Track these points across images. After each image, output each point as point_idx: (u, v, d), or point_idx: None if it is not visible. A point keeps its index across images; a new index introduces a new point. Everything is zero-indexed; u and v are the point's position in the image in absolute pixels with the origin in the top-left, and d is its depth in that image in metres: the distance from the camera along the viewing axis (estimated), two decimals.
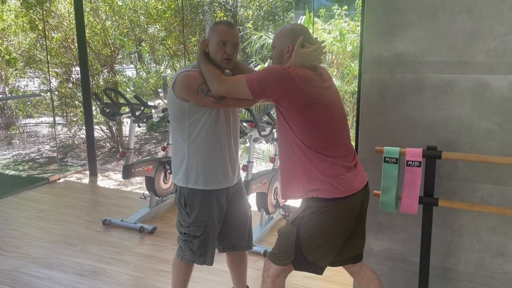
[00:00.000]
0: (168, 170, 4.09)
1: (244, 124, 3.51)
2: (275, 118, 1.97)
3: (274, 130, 3.46)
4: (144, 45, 7.51)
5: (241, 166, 2.68)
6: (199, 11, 8.41)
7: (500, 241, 2.16)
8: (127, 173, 3.75)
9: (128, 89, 7.64)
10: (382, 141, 2.26)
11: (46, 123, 8.86)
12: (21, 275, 2.94)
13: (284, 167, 1.92)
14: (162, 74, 8.06)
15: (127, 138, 7.82)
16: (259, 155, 5.71)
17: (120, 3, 6.73)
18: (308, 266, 1.88)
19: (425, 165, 2.03)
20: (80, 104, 7.11)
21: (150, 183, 4.00)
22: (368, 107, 2.30)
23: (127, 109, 3.88)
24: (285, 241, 1.89)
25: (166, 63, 7.86)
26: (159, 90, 9.14)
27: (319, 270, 1.90)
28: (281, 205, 3.82)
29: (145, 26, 7.05)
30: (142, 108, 3.77)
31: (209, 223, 2.09)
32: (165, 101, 8.36)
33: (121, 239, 3.51)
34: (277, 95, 1.79)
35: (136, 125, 3.90)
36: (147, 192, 4.16)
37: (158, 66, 7.87)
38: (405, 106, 2.21)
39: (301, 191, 1.86)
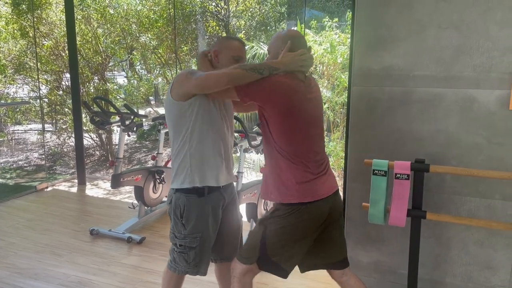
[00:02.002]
0: (158, 180, 4.06)
1: (235, 134, 3.51)
2: None
3: None
4: (136, 53, 7.49)
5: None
6: (191, 20, 8.43)
7: (488, 254, 2.17)
8: (116, 182, 3.72)
9: (118, 97, 7.61)
10: (371, 153, 2.27)
11: (34, 130, 8.78)
12: (5, 286, 2.89)
13: (266, 170, 2.00)
14: (154, 82, 8.05)
15: (116, 147, 7.79)
16: (250, 165, 5.71)
17: (112, 12, 6.72)
18: (273, 267, 1.94)
19: (413, 178, 2.05)
20: (69, 112, 7.07)
21: (139, 193, 3.97)
22: (357, 119, 2.32)
23: (117, 118, 3.85)
24: (252, 240, 1.97)
25: (157, 71, 7.85)
26: (150, 98, 9.11)
27: (283, 273, 1.96)
28: None
29: (137, 35, 7.05)
30: (132, 117, 3.75)
31: (205, 234, 2.08)
32: (156, 109, 8.33)
33: (108, 249, 3.47)
34: (260, 99, 1.85)
35: (126, 134, 3.88)
36: (136, 202, 4.12)
37: (149, 75, 7.86)
38: (393, 119, 2.23)
39: (274, 194, 1.94)
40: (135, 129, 3.80)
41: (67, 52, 6.72)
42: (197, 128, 2.00)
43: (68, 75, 7.17)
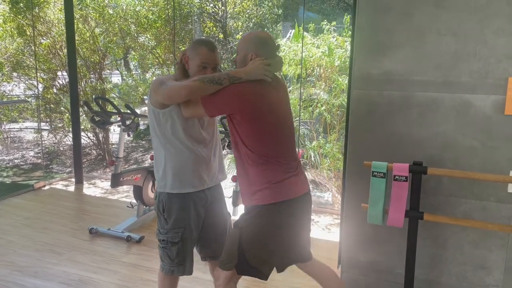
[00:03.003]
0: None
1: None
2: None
3: None
4: (134, 53, 7.52)
5: (231, 176, 2.72)
6: (189, 21, 8.47)
7: (482, 255, 2.24)
8: (116, 181, 3.75)
9: (113, 95, 7.62)
10: (370, 155, 2.33)
11: (31, 128, 8.75)
12: (6, 284, 2.90)
13: (239, 178, 2.00)
14: (150, 82, 8.06)
15: (113, 146, 7.79)
16: None
17: (111, 12, 6.74)
18: (251, 270, 1.95)
19: (411, 180, 2.11)
20: (66, 110, 7.07)
21: (138, 192, 4.00)
22: (357, 122, 2.37)
23: (118, 118, 3.88)
24: (229, 245, 1.96)
25: (155, 71, 7.87)
26: (144, 97, 9.12)
27: (262, 276, 1.97)
28: None
29: (135, 35, 7.07)
30: (132, 117, 3.78)
31: (187, 229, 2.13)
32: None
33: (107, 248, 3.49)
34: (229, 110, 1.88)
35: (126, 134, 3.91)
36: (134, 201, 4.15)
37: (146, 74, 7.88)
38: (392, 122, 2.29)
39: (246, 197, 1.95)
40: (135, 128, 3.83)
41: (64, 51, 6.74)
42: (173, 136, 2.04)
43: (64, 74, 7.19)
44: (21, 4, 6.81)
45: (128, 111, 3.78)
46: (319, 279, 2.18)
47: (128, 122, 3.79)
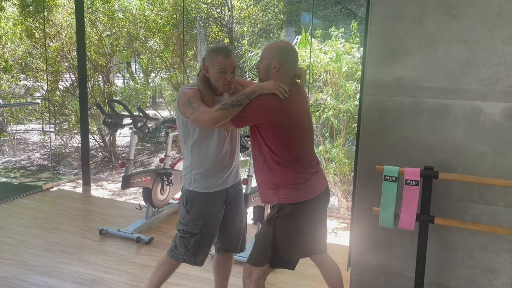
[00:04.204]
0: (166, 182, 4.15)
1: (246, 138, 3.60)
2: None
3: None
4: (143, 57, 7.60)
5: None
6: (196, 25, 8.54)
7: (490, 258, 2.28)
8: (127, 183, 3.80)
9: (120, 96, 7.68)
10: (381, 160, 2.38)
11: (36, 130, 8.82)
12: (19, 282, 2.95)
13: (260, 178, 2.15)
14: (151, 85, 8.12)
15: (119, 148, 7.84)
16: None
17: (121, 16, 6.82)
18: (284, 263, 2.12)
19: (422, 184, 2.16)
20: (71, 113, 7.13)
21: (148, 194, 4.05)
22: (368, 127, 2.43)
23: (130, 120, 3.94)
24: (262, 242, 2.11)
25: (162, 75, 7.95)
26: (149, 101, 9.19)
27: (293, 266, 2.14)
28: None
29: (144, 39, 7.15)
30: (144, 120, 3.84)
31: (206, 223, 2.26)
32: (157, 111, 8.41)
33: (118, 249, 3.54)
34: (255, 121, 2.04)
35: (137, 136, 3.96)
36: (142, 203, 4.20)
37: (154, 78, 7.96)
38: (403, 127, 2.34)
39: (275, 196, 2.10)
40: (147, 131, 3.88)
41: (72, 53, 6.82)
42: (198, 141, 2.19)
43: (71, 76, 7.26)
44: (31, 7, 6.90)
45: (140, 114, 3.84)
46: (325, 272, 2.37)
47: (139, 125, 3.84)
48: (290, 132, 2.03)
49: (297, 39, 6.36)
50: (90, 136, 7.27)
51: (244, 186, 3.52)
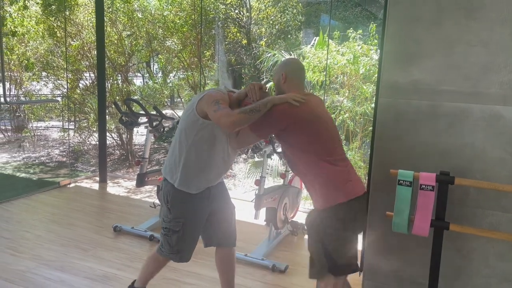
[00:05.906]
0: None
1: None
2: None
3: None
4: (161, 57, 7.68)
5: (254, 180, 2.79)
6: (214, 26, 8.59)
7: (508, 267, 2.21)
8: (141, 181, 3.83)
9: (139, 95, 7.77)
10: (396, 164, 2.33)
11: (55, 127, 8.98)
12: (33, 276, 3.01)
13: (310, 190, 2.16)
14: (169, 85, 8.19)
15: (136, 147, 7.92)
16: (268, 170, 5.79)
17: (140, 16, 6.90)
18: (343, 269, 2.09)
19: (438, 190, 2.11)
20: (90, 110, 7.24)
21: None
22: (383, 131, 2.39)
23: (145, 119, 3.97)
24: (315, 254, 2.11)
25: (180, 75, 8.01)
26: (166, 100, 9.26)
27: (356, 268, 2.11)
28: (290, 220, 3.88)
29: (162, 39, 7.22)
30: (160, 119, 3.87)
31: (188, 221, 2.29)
32: (175, 111, 8.47)
33: (131, 246, 3.57)
34: (279, 128, 2.08)
35: (152, 135, 3.99)
36: (157, 201, 4.23)
37: (172, 78, 8.03)
38: (419, 131, 2.29)
39: (319, 202, 2.09)
40: (162, 130, 3.91)
41: (92, 52, 6.92)
42: (198, 144, 2.20)
43: (91, 75, 7.37)
44: (53, 7, 7.04)
45: (156, 113, 3.87)
46: None
47: (155, 124, 3.87)
48: (316, 128, 2.06)
49: (315, 40, 6.33)
50: (107, 134, 7.38)
51: (256, 187, 3.53)
